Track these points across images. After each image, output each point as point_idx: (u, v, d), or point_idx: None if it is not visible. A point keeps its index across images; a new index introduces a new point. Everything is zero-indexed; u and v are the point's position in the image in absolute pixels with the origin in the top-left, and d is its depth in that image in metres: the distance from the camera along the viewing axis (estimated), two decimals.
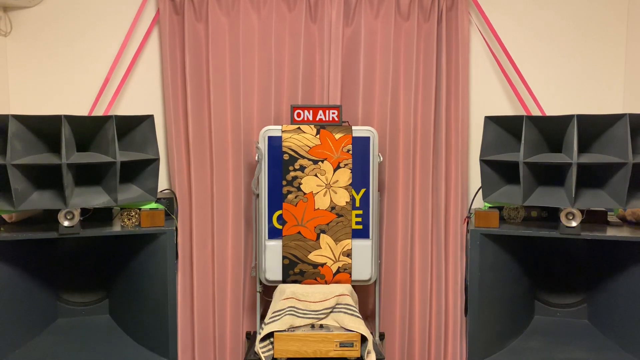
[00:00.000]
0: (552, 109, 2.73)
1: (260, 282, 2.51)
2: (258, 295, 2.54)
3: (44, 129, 1.99)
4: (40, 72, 2.67)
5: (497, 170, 2.22)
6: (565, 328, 2.36)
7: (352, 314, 2.20)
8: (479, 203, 2.67)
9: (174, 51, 2.62)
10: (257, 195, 2.47)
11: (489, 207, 2.30)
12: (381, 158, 2.47)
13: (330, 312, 2.23)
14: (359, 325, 2.15)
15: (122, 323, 2.34)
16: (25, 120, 1.93)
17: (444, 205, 2.74)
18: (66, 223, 2.01)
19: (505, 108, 2.80)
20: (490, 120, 2.20)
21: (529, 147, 2.10)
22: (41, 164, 1.95)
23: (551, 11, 2.76)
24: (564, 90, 2.79)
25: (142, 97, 2.71)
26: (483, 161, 2.21)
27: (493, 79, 2.79)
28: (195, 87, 2.65)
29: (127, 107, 2.70)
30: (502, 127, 2.20)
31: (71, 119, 1.97)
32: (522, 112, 2.74)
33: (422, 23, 2.68)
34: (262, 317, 2.55)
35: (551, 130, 2.13)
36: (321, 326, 2.18)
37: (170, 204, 2.42)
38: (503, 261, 2.26)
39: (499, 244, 2.23)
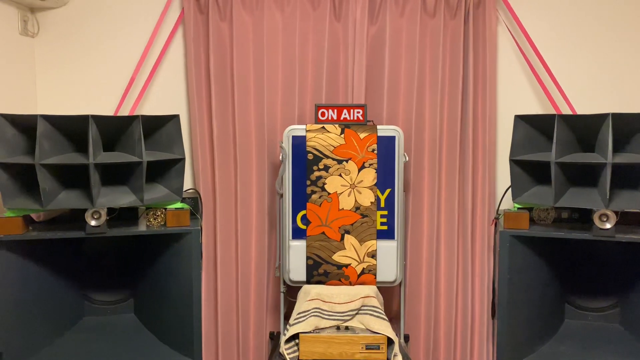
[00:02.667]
0: (583, 108, 2.66)
1: (284, 283, 2.50)
2: (282, 295, 2.53)
3: (71, 129, 2.00)
4: (66, 73, 2.70)
5: (527, 171, 2.17)
6: (597, 332, 2.30)
7: (378, 316, 2.17)
8: (507, 204, 2.62)
9: (198, 51, 2.62)
10: (281, 195, 2.46)
11: (519, 208, 2.25)
12: (407, 158, 2.43)
13: (356, 313, 2.20)
14: (385, 328, 2.12)
15: (146, 322, 2.35)
16: (53, 120, 1.95)
17: (471, 206, 2.69)
18: (93, 223, 2.02)
19: (534, 107, 2.74)
20: (521, 119, 2.15)
21: (561, 147, 2.05)
22: (69, 164, 1.96)
23: (582, 7, 2.69)
24: (595, 89, 2.71)
25: (166, 97, 2.72)
26: (513, 161, 2.16)
27: (521, 77, 2.73)
28: (220, 86, 2.64)
29: (151, 107, 2.71)
30: (533, 126, 2.15)
31: (98, 119, 1.98)
32: (551, 111, 2.68)
33: (449, 20, 2.63)
34: (286, 317, 2.54)
35: (584, 129, 2.07)
36: (347, 328, 2.16)
37: (195, 203, 2.42)
38: (533, 263, 2.21)
39: (528, 246, 2.18)
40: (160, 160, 2.12)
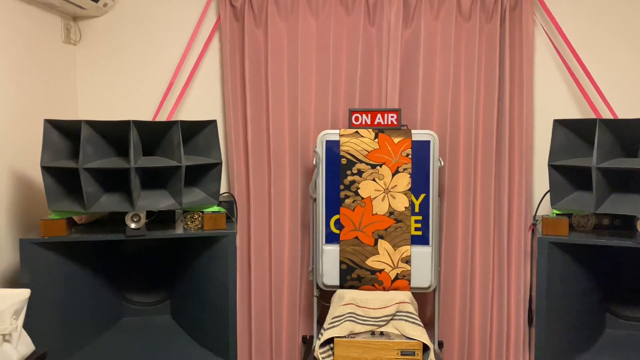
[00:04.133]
0: (623, 112, 2.59)
1: (317, 287, 2.51)
2: (315, 299, 2.54)
3: (113, 133, 2.06)
4: (105, 79, 2.77)
5: (567, 176, 2.13)
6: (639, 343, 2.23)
7: (413, 322, 2.16)
8: (544, 210, 2.57)
9: (233, 57, 2.66)
10: (315, 200, 2.47)
11: (557, 215, 2.20)
12: (442, 163, 2.41)
13: (391, 319, 2.19)
14: (420, 334, 2.10)
15: (182, 323, 2.39)
16: (96, 126, 2.00)
17: (507, 212, 2.64)
18: (133, 225, 2.07)
19: (572, 110, 2.68)
20: (560, 124, 2.12)
21: (602, 152, 2.00)
22: (110, 168, 2.02)
23: (621, 7, 2.62)
24: (637, 92, 2.64)
25: (202, 102, 2.76)
26: (552, 166, 2.13)
27: (558, 80, 2.68)
28: (254, 92, 2.68)
29: (187, 112, 2.76)
30: (572, 131, 2.11)
31: (139, 124, 2.03)
32: (590, 115, 2.62)
33: (484, 24, 2.61)
34: (319, 321, 2.54)
35: (626, 134, 2.02)
36: (381, 333, 2.15)
37: (230, 207, 2.45)
38: (572, 271, 2.16)
39: (568, 253, 2.13)
40: (197, 165, 2.16)
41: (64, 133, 2.04)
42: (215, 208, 2.27)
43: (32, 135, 2.41)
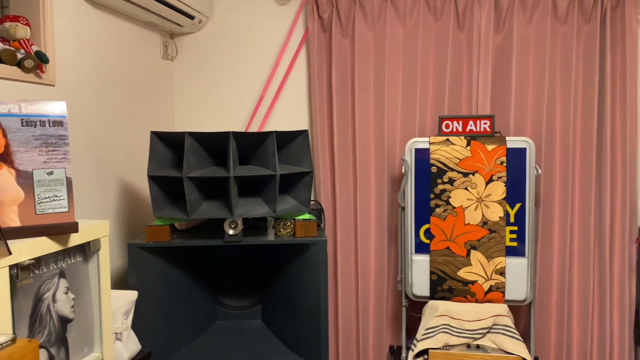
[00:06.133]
0: None
1: (406, 297, 2.48)
2: (404, 310, 2.51)
3: (213, 144, 2.15)
4: (199, 92, 2.91)
5: None
6: None
7: (512, 336, 2.08)
8: None
9: (321, 67, 2.71)
10: (403, 209, 2.45)
11: None
12: (539, 171, 2.32)
13: (487, 332, 2.12)
14: (520, 349, 2.02)
15: (274, 328, 2.44)
16: (198, 137, 2.10)
17: (609, 222, 2.50)
18: (231, 232, 2.15)
19: None
20: None
21: None
22: (211, 177, 2.11)
23: None
24: None
25: (290, 113, 2.83)
26: None
27: None
28: (341, 101, 2.71)
29: (276, 123, 2.84)
30: None
31: (237, 135, 2.11)
32: None
33: (582, 25, 2.49)
34: (407, 332, 2.51)
35: None
36: (477, 346, 2.08)
37: (319, 215, 2.49)
38: None
39: None
40: (290, 173, 2.21)
41: (168, 144, 2.16)
42: (307, 216, 2.31)
43: (136, 146, 2.57)
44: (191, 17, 2.68)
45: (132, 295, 1.99)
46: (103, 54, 2.29)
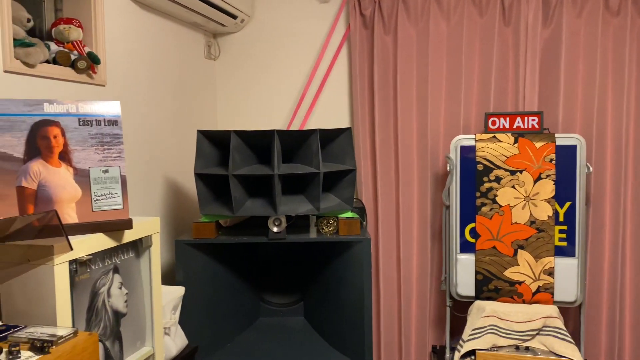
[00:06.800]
0: None
1: (450, 297, 2.44)
2: (448, 309, 2.47)
3: (257, 142, 2.17)
4: (241, 91, 2.94)
5: None
6: None
7: (563, 339, 2.02)
8: None
9: (362, 65, 2.69)
10: (448, 207, 2.41)
11: None
12: (590, 168, 2.24)
13: (537, 334, 2.07)
14: (572, 352, 1.96)
15: (316, 326, 2.44)
16: (243, 135, 2.12)
17: None
18: (275, 229, 2.16)
19: None
20: None
21: None
22: (256, 175, 2.13)
23: None
24: None
25: (331, 111, 2.83)
26: None
27: None
28: (383, 98, 2.69)
29: (317, 121, 2.84)
30: None
31: (281, 133, 2.12)
32: None
33: (636, 18, 2.39)
34: (451, 332, 2.47)
35: None
36: (527, 348, 2.04)
37: (361, 213, 2.48)
38: None
39: None
40: (333, 171, 2.21)
41: (214, 142, 2.19)
42: (349, 214, 2.30)
43: (181, 144, 2.62)
44: (234, 17, 2.71)
45: (179, 290, 2.03)
46: (150, 54, 2.34)
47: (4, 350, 1.02)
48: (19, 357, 1.00)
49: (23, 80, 1.66)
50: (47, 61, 1.76)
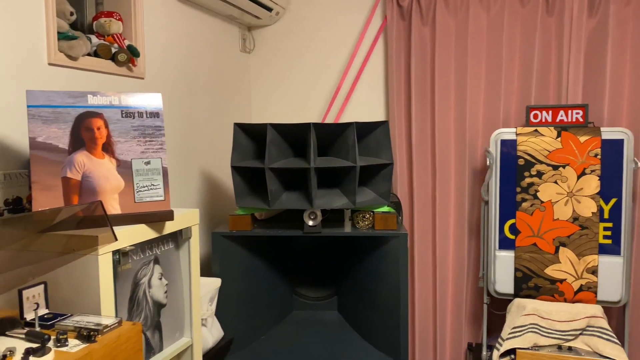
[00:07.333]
0: None
1: (488, 294, 2.39)
2: (485, 307, 2.42)
3: (293, 135, 2.16)
4: (275, 84, 2.93)
5: None
6: None
7: (608, 339, 1.95)
8: None
9: (399, 57, 2.65)
10: (486, 202, 2.36)
11: None
12: (638, 164, 2.16)
13: (580, 334, 2.01)
14: (618, 353, 1.89)
15: (350, 320, 2.43)
16: (279, 128, 2.12)
17: None
18: (310, 222, 2.15)
19: None
20: None
21: None
22: (292, 168, 2.12)
23: None
24: None
25: (366, 104, 2.80)
26: None
27: None
28: (420, 91, 2.64)
29: (352, 114, 2.81)
30: None
31: (317, 126, 2.10)
32: None
33: None
34: (488, 329, 2.43)
35: None
36: (569, 348, 1.98)
37: (397, 208, 2.44)
38: None
39: None
40: (370, 165, 2.18)
41: (250, 135, 2.19)
42: (386, 208, 2.27)
43: (216, 137, 2.63)
44: (269, 9, 2.70)
45: (216, 282, 2.04)
46: (187, 47, 2.35)
47: (52, 337, 1.04)
48: (67, 345, 1.02)
49: (66, 72, 1.69)
50: (89, 54, 1.79)
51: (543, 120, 2.29)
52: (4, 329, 1.05)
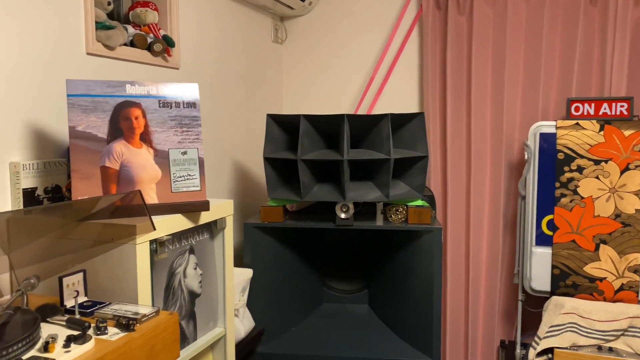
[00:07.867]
0: None
1: (523, 291, 2.33)
2: (519, 304, 2.37)
3: (326, 127, 2.13)
4: (307, 75, 2.91)
5: None
6: None
7: None
8: None
9: (434, 48, 2.59)
10: (523, 197, 2.30)
11: None
12: None
13: (621, 334, 1.94)
14: None
15: (381, 314, 2.41)
16: (312, 120, 2.09)
17: None
18: (342, 215, 2.13)
19: None
20: None
21: None
22: (324, 160, 2.09)
23: None
24: None
25: (399, 96, 2.75)
26: None
27: None
28: (455, 83, 2.58)
29: (385, 106, 2.77)
30: None
31: (351, 118, 2.07)
32: None
33: None
34: (523, 327, 2.37)
35: None
36: (610, 349, 1.91)
37: (430, 201, 2.40)
38: None
39: None
40: (404, 158, 2.14)
41: (282, 126, 2.17)
42: (419, 202, 2.23)
43: (249, 128, 2.62)
44: None
45: (248, 273, 2.04)
46: (219, 37, 2.34)
47: (92, 325, 1.04)
48: (106, 333, 1.02)
49: (103, 62, 1.70)
50: (125, 44, 1.79)
51: (585, 113, 2.21)
52: (46, 316, 1.07)
